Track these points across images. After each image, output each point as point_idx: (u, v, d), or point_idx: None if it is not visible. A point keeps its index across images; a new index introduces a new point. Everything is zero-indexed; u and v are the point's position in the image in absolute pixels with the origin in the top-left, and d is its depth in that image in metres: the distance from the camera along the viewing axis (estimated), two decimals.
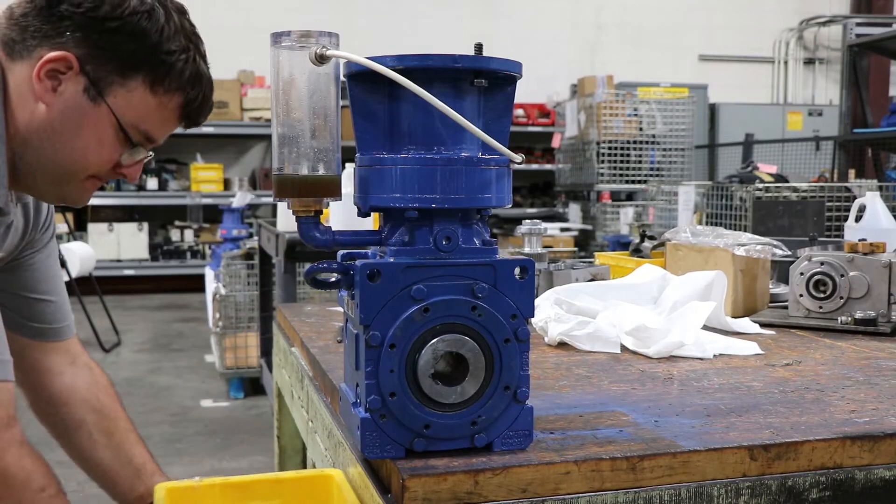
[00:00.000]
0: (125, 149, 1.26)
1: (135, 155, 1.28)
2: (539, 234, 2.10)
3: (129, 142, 1.26)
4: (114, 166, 1.28)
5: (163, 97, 1.25)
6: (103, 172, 1.29)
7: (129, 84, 1.22)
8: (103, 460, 1.57)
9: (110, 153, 1.26)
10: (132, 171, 1.30)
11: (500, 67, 1.01)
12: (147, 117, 1.25)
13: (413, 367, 0.99)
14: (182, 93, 1.26)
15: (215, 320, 5.07)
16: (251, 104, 8.91)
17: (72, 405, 1.58)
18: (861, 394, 1.30)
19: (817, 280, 1.80)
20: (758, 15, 11.26)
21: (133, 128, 1.25)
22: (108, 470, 1.57)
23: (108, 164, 1.27)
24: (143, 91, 1.23)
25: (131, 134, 1.25)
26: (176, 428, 4.40)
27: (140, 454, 1.59)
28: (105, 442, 1.58)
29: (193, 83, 1.26)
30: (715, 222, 3.88)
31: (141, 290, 8.93)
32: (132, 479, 1.56)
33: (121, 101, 1.22)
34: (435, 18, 10.16)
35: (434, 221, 1.00)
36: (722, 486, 1.03)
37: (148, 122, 1.26)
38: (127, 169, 1.29)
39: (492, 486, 0.97)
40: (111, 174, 1.30)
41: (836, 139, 6.47)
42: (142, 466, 1.57)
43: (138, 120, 1.25)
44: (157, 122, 1.27)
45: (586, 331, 1.61)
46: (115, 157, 1.27)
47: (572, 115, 7.94)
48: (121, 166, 1.29)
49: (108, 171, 1.29)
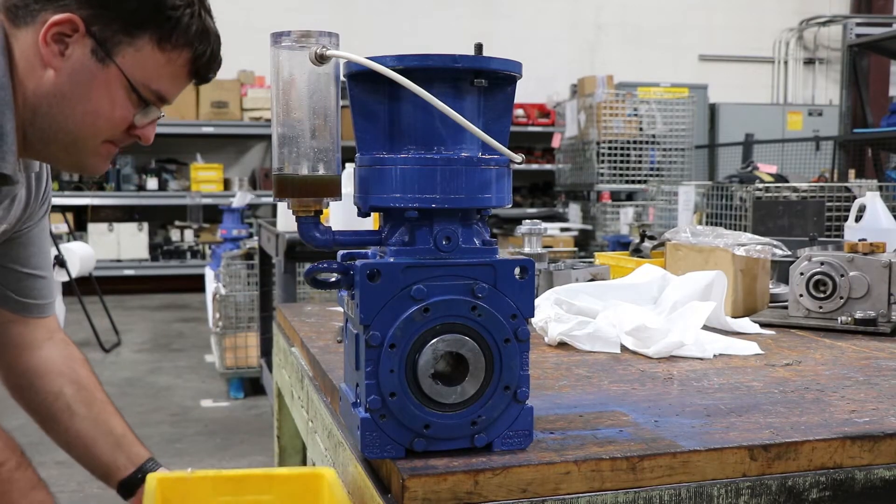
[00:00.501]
0: (137, 109, 1.25)
1: (148, 115, 1.27)
2: (539, 234, 2.10)
3: (142, 101, 1.24)
4: (127, 128, 1.27)
5: (171, 53, 1.23)
6: (117, 135, 1.27)
7: (137, 42, 1.21)
8: (82, 431, 1.54)
9: (123, 114, 1.24)
10: (146, 132, 1.29)
11: (500, 67, 1.01)
12: (157, 75, 1.24)
13: (413, 367, 0.99)
14: (190, 48, 1.24)
15: (215, 320, 5.07)
16: (251, 104, 8.91)
17: (48, 377, 1.55)
18: (861, 394, 1.30)
19: (817, 280, 1.80)
20: (758, 15, 11.26)
21: (144, 87, 1.24)
22: (87, 441, 1.54)
23: (122, 126, 1.26)
24: (151, 49, 1.22)
25: (143, 93, 1.24)
26: (176, 428, 4.39)
27: (119, 425, 1.56)
28: (84, 413, 1.55)
29: (201, 38, 1.25)
30: (715, 222, 3.88)
31: (141, 290, 8.93)
32: (113, 450, 1.53)
33: (129, 60, 1.21)
34: (435, 18, 10.16)
35: (434, 221, 1.00)
36: (722, 486, 1.03)
37: (158, 80, 1.25)
38: (141, 130, 1.28)
39: (492, 486, 0.97)
40: (126, 137, 1.28)
41: (836, 139, 6.47)
42: (122, 437, 1.55)
43: (148, 78, 1.23)
44: (168, 80, 1.26)
45: (586, 331, 1.61)
46: (128, 118, 1.25)
47: (572, 115, 7.94)
48: (134, 128, 1.27)
49: (123, 134, 1.28)
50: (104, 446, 1.54)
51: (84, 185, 8.94)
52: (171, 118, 8.86)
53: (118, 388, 5.04)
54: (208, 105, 8.78)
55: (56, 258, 4.04)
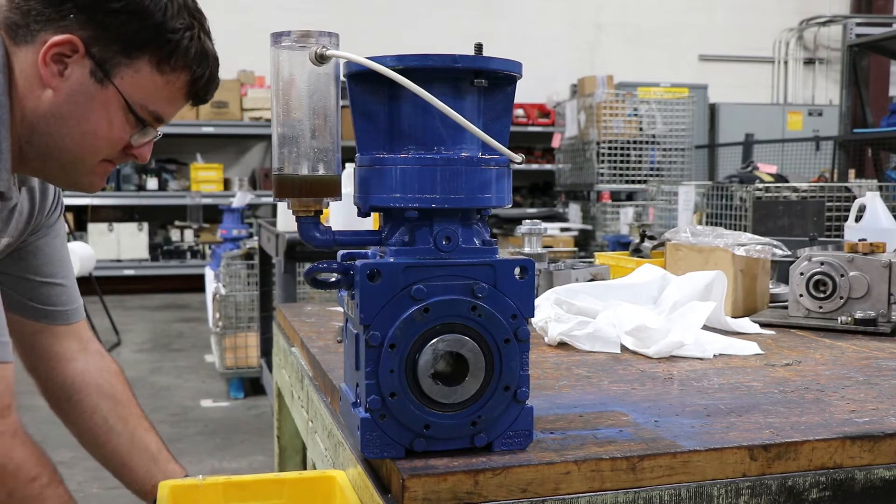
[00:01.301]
0: (135, 130, 1.26)
1: (145, 135, 1.28)
2: (539, 234, 2.10)
3: (139, 122, 1.25)
4: (124, 148, 1.28)
5: (170, 76, 1.24)
6: (114, 155, 1.28)
7: (136, 64, 1.22)
8: (119, 447, 1.56)
9: (120, 135, 1.25)
10: (143, 152, 1.30)
11: (499, 67, 1.01)
12: (155, 96, 1.25)
13: (413, 367, 0.99)
14: (188, 71, 1.25)
15: (215, 320, 5.07)
16: (251, 104, 8.91)
17: (85, 391, 1.56)
18: (861, 394, 1.30)
19: (817, 280, 1.80)
20: (758, 15, 11.26)
21: (142, 108, 1.24)
22: (124, 457, 1.56)
23: (119, 146, 1.27)
24: (149, 70, 1.23)
25: (140, 114, 1.25)
26: (176, 428, 4.40)
27: (154, 441, 1.59)
28: (120, 429, 1.56)
29: (199, 60, 1.26)
30: (715, 222, 3.88)
31: (141, 290, 8.93)
32: (149, 466, 1.55)
33: (128, 81, 1.22)
34: (435, 18, 10.16)
35: (434, 221, 1.00)
36: (722, 486, 1.03)
37: (156, 102, 1.25)
38: (138, 150, 1.29)
39: (492, 486, 0.97)
40: (122, 157, 1.29)
41: (836, 139, 6.47)
42: (157, 453, 1.57)
43: (146, 100, 1.24)
44: (165, 101, 1.27)
45: (586, 331, 1.61)
46: (125, 138, 1.26)
47: (572, 115, 7.94)
48: (131, 147, 1.28)
49: (119, 154, 1.28)
50: (140, 463, 1.56)
51: None
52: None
53: None
54: (208, 105, 8.77)
55: None
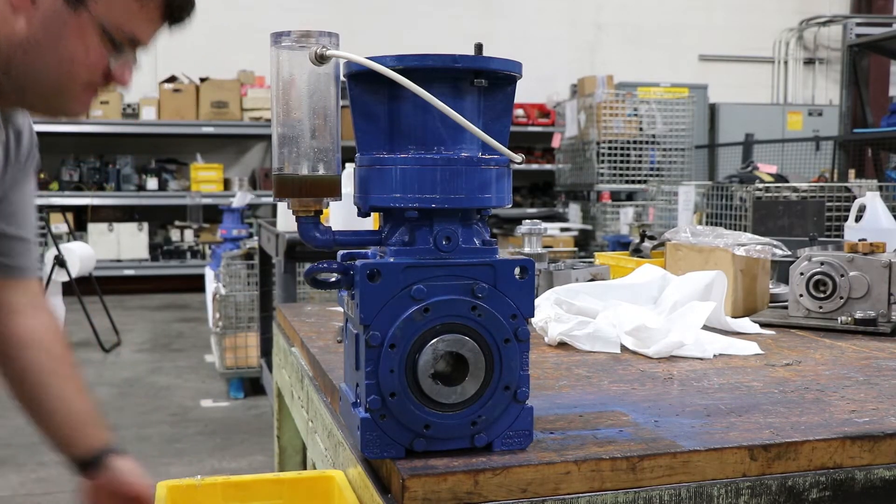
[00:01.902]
0: (112, 53, 1.25)
1: (123, 59, 1.26)
2: (539, 234, 2.10)
3: (116, 46, 1.24)
4: (104, 73, 1.26)
5: None
6: (95, 79, 1.27)
7: None
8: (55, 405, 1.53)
9: (97, 59, 1.24)
10: (123, 76, 1.28)
11: (499, 67, 1.01)
12: (130, 18, 1.23)
13: (413, 367, 0.99)
14: None
15: (215, 320, 5.07)
16: (251, 104, 8.91)
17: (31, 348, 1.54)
18: (861, 394, 1.30)
19: (817, 280, 1.80)
20: (758, 15, 11.26)
21: (117, 30, 1.23)
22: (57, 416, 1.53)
23: (98, 71, 1.25)
24: None
25: (117, 37, 1.23)
26: (176, 428, 4.39)
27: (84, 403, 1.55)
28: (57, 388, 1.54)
29: None
30: (715, 222, 3.88)
31: (141, 290, 8.93)
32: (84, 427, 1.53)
33: (102, 5, 1.20)
34: (434, 18, 10.16)
35: (434, 221, 1.00)
36: (722, 486, 1.03)
37: (131, 23, 1.23)
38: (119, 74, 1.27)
39: (492, 486, 0.97)
40: (103, 81, 1.28)
41: (836, 139, 6.47)
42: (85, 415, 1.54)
43: (122, 22, 1.22)
44: (141, 22, 1.24)
45: (586, 331, 1.61)
46: (103, 62, 1.24)
47: (572, 115, 7.94)
48: (111, 71, 1.26)
49: (100, 78, 1.27)
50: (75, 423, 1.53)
51: (84, 185, 8.94)
52: (171, 118, 8.87)
53: (118, 388, 5.05)
54: (208, 105, 8.78)
55: (56, 258, 4.04)
